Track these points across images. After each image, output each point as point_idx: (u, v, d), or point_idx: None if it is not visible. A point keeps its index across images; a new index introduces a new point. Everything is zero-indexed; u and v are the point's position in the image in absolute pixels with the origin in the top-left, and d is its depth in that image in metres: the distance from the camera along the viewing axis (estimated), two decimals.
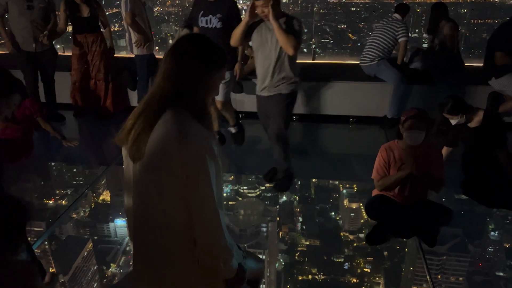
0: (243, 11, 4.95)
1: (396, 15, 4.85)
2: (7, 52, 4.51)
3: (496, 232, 3.60)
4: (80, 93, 4.98)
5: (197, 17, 3.69)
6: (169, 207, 1.37)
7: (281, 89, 3.25)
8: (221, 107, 4.06)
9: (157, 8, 13.95)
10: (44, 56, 4.51)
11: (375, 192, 3.17)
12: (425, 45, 6.01)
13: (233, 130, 4.38)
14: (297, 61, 3.32)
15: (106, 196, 4.40)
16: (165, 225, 1.39)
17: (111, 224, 3.77)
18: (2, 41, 4.52)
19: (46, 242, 3.25)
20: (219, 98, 3.95)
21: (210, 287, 1.49)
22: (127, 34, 4.65)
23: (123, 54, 6.21)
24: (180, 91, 1.36)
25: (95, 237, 3.68)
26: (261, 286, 1.71)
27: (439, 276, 3.01)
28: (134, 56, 4.72)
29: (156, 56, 4.90)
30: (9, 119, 2.68)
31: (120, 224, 3.81)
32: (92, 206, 4.17)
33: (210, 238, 1.36)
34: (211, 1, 3.64)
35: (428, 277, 2.84)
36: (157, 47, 4.83)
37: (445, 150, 3.61)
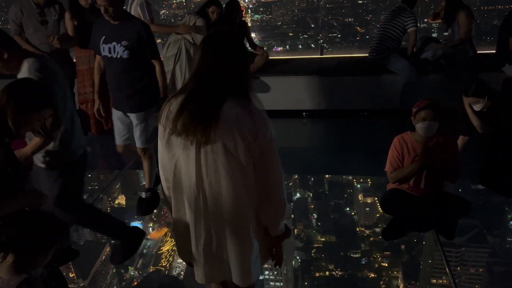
0: (248, 9, 4.94)
1: (403, 5, 4.78)
2: None
3: None
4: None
5: (98, 44, 2.95)
6: (241, 181, 1.55)
7: None
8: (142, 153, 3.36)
9: (164, 10, 14.03)
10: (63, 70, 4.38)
11: (389, 186, 3.14)
12: (434, 34, 5.92)
13: (143, 195, 3.58)
14: (306, 56, 3.32)
15: (121, 200, 4.44)
16: (239, 200, 1.58)
17: None
18: None
19: None
20: (138, 144, 3.27)
21: (266, 243, 1.75)
22: None
23: None
24: (236, 78, 1.53)
25: (112, 241, 3.71)
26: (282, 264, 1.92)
27: (458, 268, 2.97)
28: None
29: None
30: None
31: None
32: (108, 210, 4.22)
33: (281, 195, 1.59)
34: (115, 24, 2.88)
35: (447, 269, 2.81)
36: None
37: (460, 140, 3.55)
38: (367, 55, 5.05)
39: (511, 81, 4.23)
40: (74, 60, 4.54)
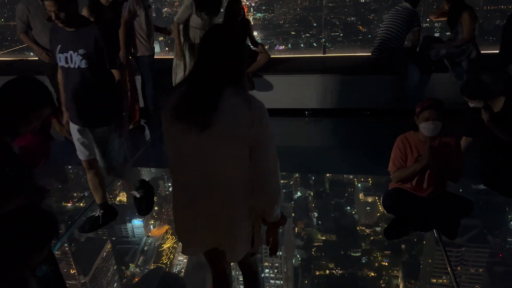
0: (251, 8, 4.96)
1: (406, 4, 4.77)
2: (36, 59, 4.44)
3: None
4: None
5: (55, 52, 2.71)
6: (237, 165, 1.65)
7: None
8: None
9: (166, 9, 14.02)
10: None
11: (392, 186, 3.14)
12: (437, 34, 5.90)
13: (137, 194, 3.44)
14: (309, 55, 3.31)
15: (122, 197, 4.45)
16: (232, 181, 1.68)
17: (129, 225, 3.82)
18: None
19: (66, 244, 3.31)
20: (101, 163, 2.98)
21: (256, 230, 1.82)
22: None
23: None
24: (232, 70, 1.63)
25: (113, 238, 3.73)
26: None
27: (459, 268, 2.97)
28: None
29: (166, 57, 4.91)
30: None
31: (137, 225, 3.86)
32: None
33: (275, 181, 1.68)
34: (70, 30, 2.63)
35: (449, 269, 2.81)
36: (167, 48, 4.81)
37: (464, 141, 3.55)
38: (370, 54, 5.05)
39: None
40: None
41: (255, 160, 1.64)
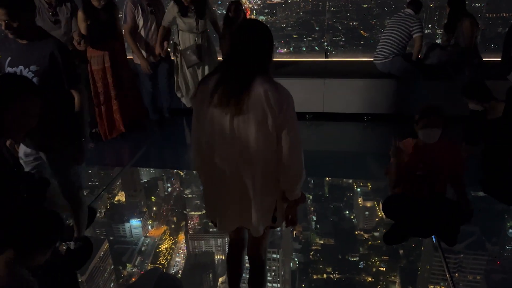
0: (253, 11, 4.97)
1: (409, 10, 4.79)
2: None
3: None
4: (107, 114, 4.58)
5: (4, 65, 2.39)
6: (266, 146, 1.81)
7: None
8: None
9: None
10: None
11: (392, 191, 3.14)
12: (438, 41, 5.92)
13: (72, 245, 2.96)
14: (311, 59, 3.32)
15: (121, 196, 4.45)
16: (261, 161, 1.84)
17: (127, 225, 3.82)
18: None
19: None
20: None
21: (283, 207, 2.01)
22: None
23: None
24: (262, 60, 1.80)
25: (111, 238, 3.72)
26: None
27: (456, 275, 2.96)
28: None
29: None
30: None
31: (135, 225, 3.86)
32: (108, 207, 4.23)
33: (299, 160, 1.86)
34: (22, 43, 2.34)
35: (448, 275, 2.81)
36: (169, 48, 4.80)
37: (463, 149, 3.54)
38: (372, 59, 5.06)
39: None
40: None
41: (282, 142, 1.80)
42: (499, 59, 4.54)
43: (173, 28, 4.61)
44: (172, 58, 4.80)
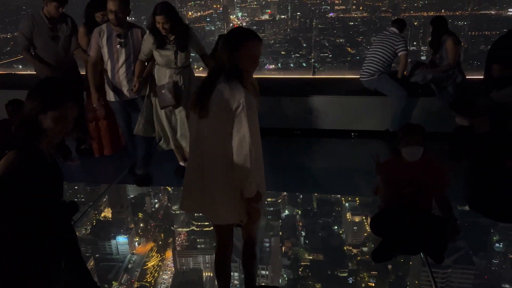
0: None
1: (394, 29, 4.90)
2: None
3: (501, 244, 3.57)
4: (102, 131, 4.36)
5: None
6: (221, 143, 2.01)
7: None
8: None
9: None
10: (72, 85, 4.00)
11: (379, 207, 3.17)
12: (423, 58, 6.05)
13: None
14: (298, 76, 3.35)
15: (107, 213, 4.39)
16: (218, 156, 2.04)
17: (113, 242, 3.75)
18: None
19: None
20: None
21: (238, 202, 2.12)
22: None
23: None
24: (226, 66, 2.00)
25: (97, 255, 3.66)
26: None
27: None
28: None
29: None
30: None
31: (121, 241, 3.79)
32: (94, 224, 4.16)
33: (246, 161, 1.97)
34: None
35: None
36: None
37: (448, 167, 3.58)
38: (358, 76, 5.13)
39: (498, 107, 4.33)
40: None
41: (232, 141, 1.98)
42: (482, 77, 4.65)
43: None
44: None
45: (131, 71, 3.74)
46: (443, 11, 11.24)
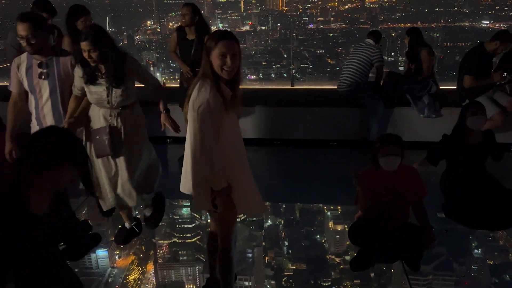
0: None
1: (369, 40, 5.00)
2: None
3: (479, 249, 3.64)
4: None
5: None
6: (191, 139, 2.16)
7: None
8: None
9: (138, 36, 14.05)
10: None
11: (356, 216, 3.21)
12: (401, 68, 6.19)
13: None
14: (277, 87, 3.38)
15: None
16: (189, 151, 2.22)
17: (93, 255, 3.67)
18: None
19: None
20: None
21: (209, 194, 2.27)
22: None
23: None
24: (204, 70, 2.13)
25: (76, 269, 3.57)
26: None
27: None
28: None
29: None
30: None
31: (101, 255, 3.71)
32: None
33: (199, 156, 2.14)
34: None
35: None
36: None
37: (422, 163, 3.63)
38: (336, 87, 5.21)
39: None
40: None
41: (186, 139, 2.20)
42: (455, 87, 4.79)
43: None
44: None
45: (59, 109, 3.08)
46: (419, 22, 11.58)
